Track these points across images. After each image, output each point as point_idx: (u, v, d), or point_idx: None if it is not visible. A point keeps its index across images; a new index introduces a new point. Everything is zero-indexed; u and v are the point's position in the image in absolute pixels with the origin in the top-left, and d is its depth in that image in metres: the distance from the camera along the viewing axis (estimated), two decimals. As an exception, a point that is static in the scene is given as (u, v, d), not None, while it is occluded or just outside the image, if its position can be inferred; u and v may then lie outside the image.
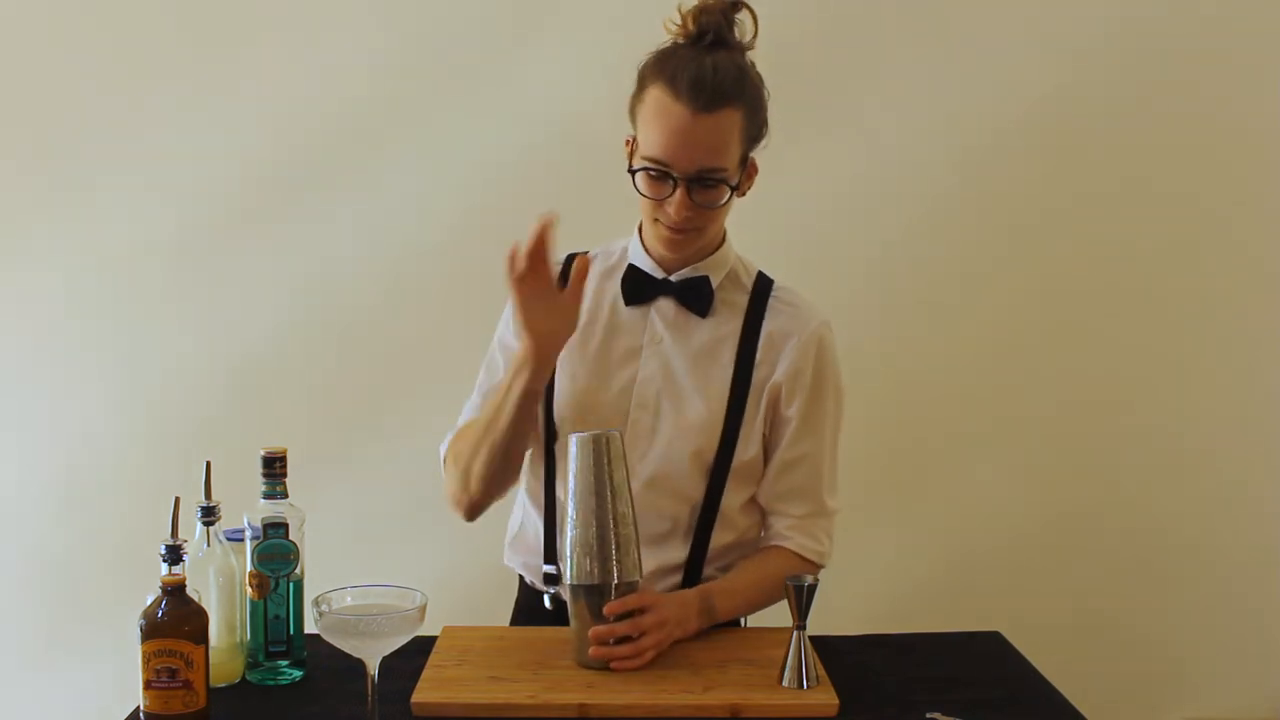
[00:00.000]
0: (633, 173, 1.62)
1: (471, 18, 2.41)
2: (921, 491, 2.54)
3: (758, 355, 1.69)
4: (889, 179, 2.47)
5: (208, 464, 1.50)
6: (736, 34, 1.62)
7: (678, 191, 1.58)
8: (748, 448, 1.69)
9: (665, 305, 1.71)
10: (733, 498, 1.70)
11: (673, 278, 1.70)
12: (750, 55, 1.64)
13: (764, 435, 1.71)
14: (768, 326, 1.70)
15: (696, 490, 1.69)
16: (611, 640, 1.50)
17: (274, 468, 1.51)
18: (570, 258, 1.69)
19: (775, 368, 1.69)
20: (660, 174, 1.59)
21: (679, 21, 1.61)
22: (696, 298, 1.69)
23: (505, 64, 2.39)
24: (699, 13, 1.60)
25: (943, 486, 2.54)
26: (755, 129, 1.62)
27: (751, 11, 1.63)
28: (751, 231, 2.42)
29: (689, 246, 1.66)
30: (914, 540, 2.54)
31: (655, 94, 1.57)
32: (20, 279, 2.48)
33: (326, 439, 2.43)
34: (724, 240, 1.73)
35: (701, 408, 1.67)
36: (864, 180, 2.47)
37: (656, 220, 1.64)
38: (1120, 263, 2.51)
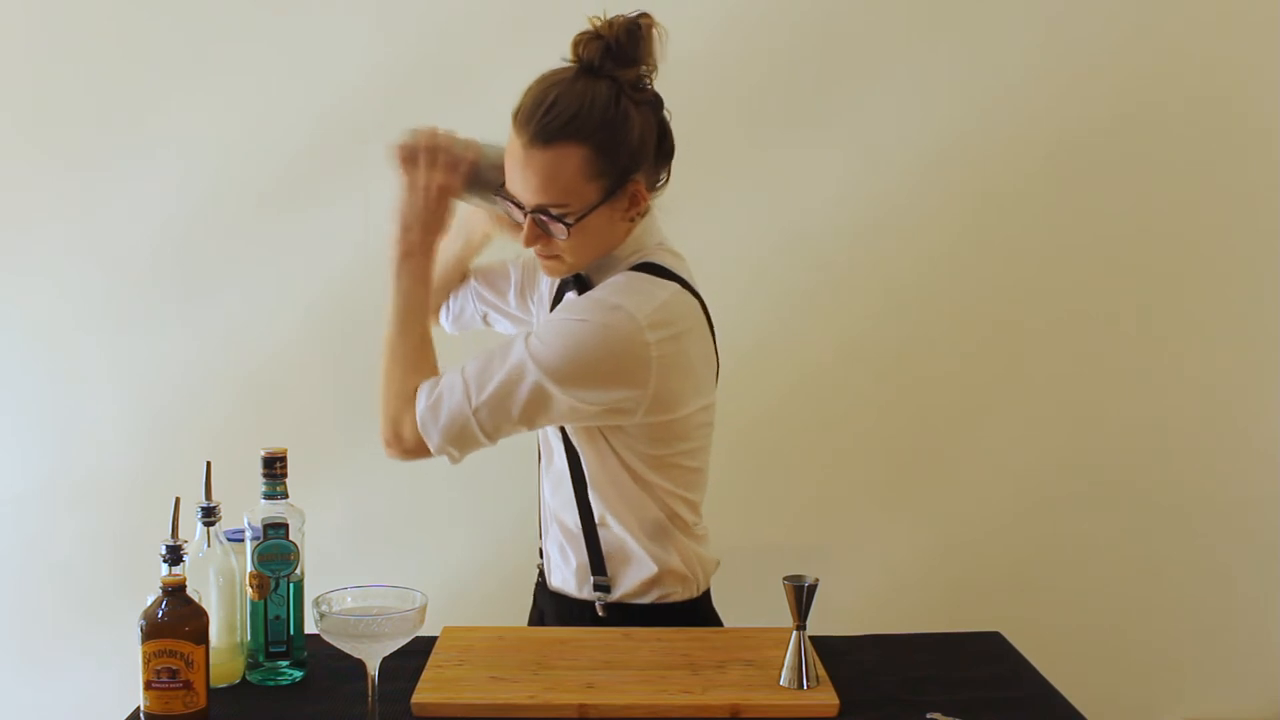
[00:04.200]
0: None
1: (479, 18, 2.42)
2: (922, 491, 2.54)
3: None
4: (889, 179, 2.47)
5: (208, 464, 1.51)
6: (636, 58, 1.58)
7: (527, 220, 1.60)
8: None
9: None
10: (591, 456, 1.66)
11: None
12: (652, 75, 1.61)
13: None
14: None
15: (559, 449, 1.70)
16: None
17: (274, 468, 1.51)
18: None
19: None
20: (515, 202, 1.61)
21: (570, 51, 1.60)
22: (572, 289, 1.71)
23: (509, 66, 2.38)
24: (580, 41, 1.58)
25: (943, 486, 2.54)
26: (611, 164, 1.57)
27: (654, 31, 1.59)
28: (754, 233, 2.45)
29: (561, 271, 1.67)
30: (914, 540, 2.54)
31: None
32: (22, 279, 2.49)
33: (326, 439, 2.43)
34: (615, 248, 1.66)
35: None
36: (864, 181, 2.47)
37: None
38: (1122, 262, 2.51)
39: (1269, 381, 2.53)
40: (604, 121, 1.56)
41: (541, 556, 1.82)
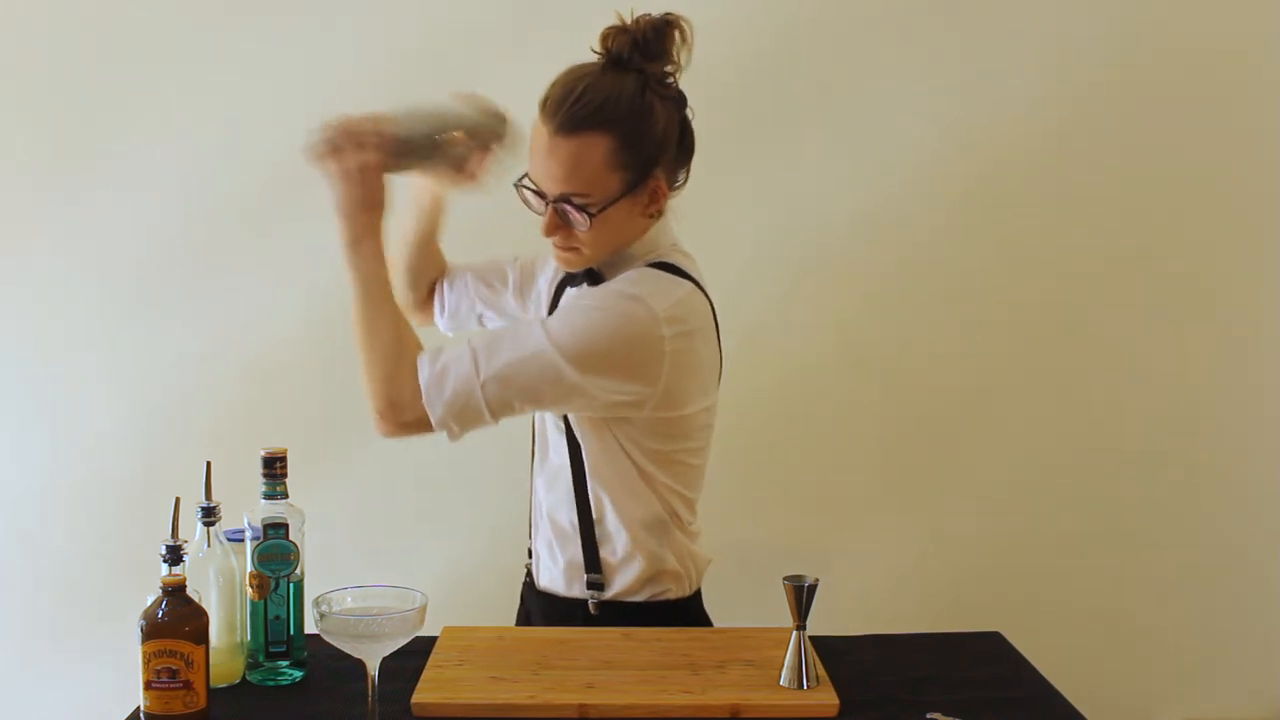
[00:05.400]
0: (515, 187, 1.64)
1: (477, 22, 2.42)
2: (922, 491, 2.54)
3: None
4: (893, 179, 2.47)
5: (208, 464, 1.51)
6: (662, 53, 1.60)
7: (548, 210, 1.61)
8: None
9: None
10: (596, 448, 1.67)
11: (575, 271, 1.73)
12: (680, 74, 1.63)
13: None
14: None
15: (559, 443, 1.70)
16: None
17: (274, 468, 1.51)
18: None
19: None
20: (536, 192, 1.61)
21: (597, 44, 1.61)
22: (584, 282, 1.71)
23: (505, 70, 2.39)
24: (609, 35, 1.59)
25: (944, 486, 2.54)
26: (635, 156, 1.59)
27: (682, 30, 1.61)
28: (750, 228, 2.45)
29: (577, 264, 1.67)
30: (914, 540, 2.54)
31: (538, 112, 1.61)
32: (23, 278, 2.48)
33: (326, 439, 2.43)
34: (631, 245, 1.67)
35: None
36: (867, 181, 2.47)
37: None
38: (1123, 263, 2.51)
39: (1269, 382, 2.53)
40: (630, 112, 1.58)
41: (530, 556, 1.82)
